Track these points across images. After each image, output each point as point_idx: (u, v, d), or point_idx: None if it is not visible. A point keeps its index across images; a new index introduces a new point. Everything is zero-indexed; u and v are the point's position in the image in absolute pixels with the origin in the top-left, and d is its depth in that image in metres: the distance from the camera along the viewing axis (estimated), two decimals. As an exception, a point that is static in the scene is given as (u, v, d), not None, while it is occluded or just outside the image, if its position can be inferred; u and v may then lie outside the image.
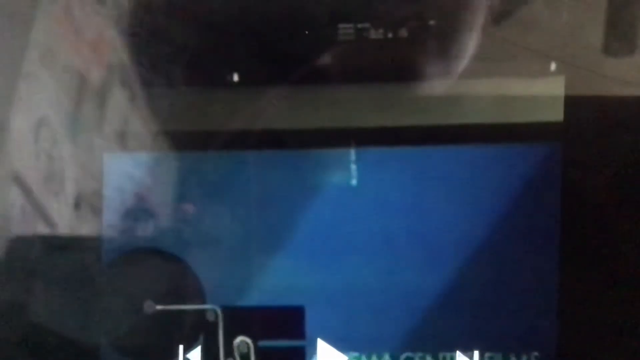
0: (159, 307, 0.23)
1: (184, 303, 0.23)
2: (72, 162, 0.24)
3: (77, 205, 0.24)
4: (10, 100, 0.24)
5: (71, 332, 0.24)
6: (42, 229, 0.24)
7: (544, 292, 0.23)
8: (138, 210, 0.23)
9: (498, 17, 0.22)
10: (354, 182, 0.23)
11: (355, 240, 0.23)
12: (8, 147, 0.24)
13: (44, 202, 0.24)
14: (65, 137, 0.24)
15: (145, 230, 0.23)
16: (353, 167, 0.23)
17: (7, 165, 0.24)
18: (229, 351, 0.23)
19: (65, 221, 0.24)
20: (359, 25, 0.22)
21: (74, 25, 0.24)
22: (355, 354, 0.23)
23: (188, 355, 0.23)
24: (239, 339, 0.23)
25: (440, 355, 0.23)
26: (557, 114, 0.22)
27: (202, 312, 0.23)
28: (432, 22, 0.22)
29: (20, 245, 0.24)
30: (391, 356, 0.23)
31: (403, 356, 0.23)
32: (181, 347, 0.23)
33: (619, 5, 0.22)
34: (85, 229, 0.24)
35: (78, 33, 0.24)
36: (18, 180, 0.24)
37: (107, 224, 0.23)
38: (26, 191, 0.24)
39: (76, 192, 0.24)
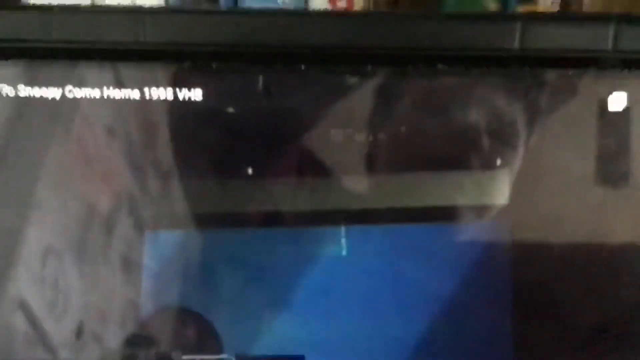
0: (185, 357, 0.24)
1: (206, 353, 0.24)
2: (77, 289, 0.23)
3: (79, 333, 0.23)
4: (20, 227, 0.23)
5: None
6: (43, 356, 0.23)
7: (501, 343, 0.24)
8: (171, 279, 0.24)
9: (454, 124, 0.24)
10: (344, 253, 0.24)
11: (346, 300, 0.24)
12: (15, 274, 0.23)
13: (47, 328, 0.23)
14: (71, 265, 0.23)
15: (176, 294, 0.24)
16: (343, 241, 0.24)
17: (13, 290, 0.23)
18: (241, 394, 0.24)
19: (66, 348, 0.23)
20: (346, 130, 0.24)
21: (86, 156, 0.23)
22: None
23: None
24: (250, 383, 0.24)
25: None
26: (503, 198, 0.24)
27: None
28: (403, 128, 0.24)
29: None
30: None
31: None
32: (202, 390, 0.23)
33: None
34: (85, 356, 0.23)
35: (89, 163, 0.23)
36: (23, 306, 0.23)
37: (144, 289, 0.24)
38: (30, 317, 0.23)
39: (79, 319, 0.23)
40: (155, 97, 0.23)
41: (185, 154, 0.24)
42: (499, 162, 0.24)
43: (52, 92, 0.23)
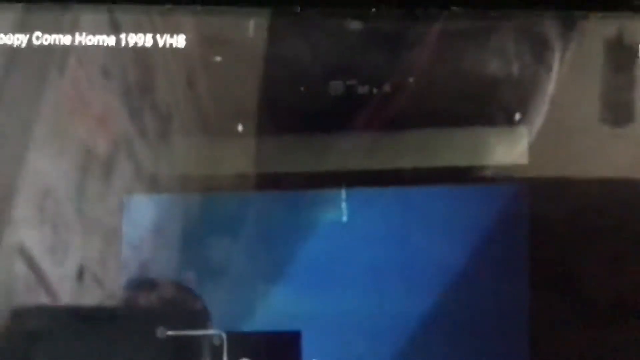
0: (170, 332, 0.23)
1: (193, 329, 0.23)
2: (76, 233, 0.23)
3: (80, 276, 0.23)
4: (17, 171, 0.23)
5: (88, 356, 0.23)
6: (44, 300, 0.23)
7: (516, 316, 0.23)
8: (153, 248, 0.23)
9: (468, 75, 0.23)
10: (344, 218, 0.24)
11: (347, 271, 0.24)
12: (13, 217, 0.23)
13: (47, 272, 0.23)
14: (70, 208, 0.23)
15: (160, 264, 0.23)
16: (344, 205, 0.24)
17: (12, 235, 0.23)
18: (232, 372, 0.23)
19: (67, 292, 0.23)
20: (348, 82, 0.23)
21: (81, 100, 0.23)
22: (346, 375, 0.24)
23: (196, 377, 0.23)
24: (241, 361, 0.23)
25: (425, 375, 0.23)
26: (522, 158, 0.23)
27: (209, 337, 0.23)
28: (411, 80, 0.23)
29: (22, 315, 0.23)
30: (379, 377, 0.24)
31: (390, 377, 0.24)
32: (189, 369, 0.23)
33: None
34: (88, 299, 0.23)
35: (85, 107, 0.23)
36: (22, 250, 0.23)
37: (124, 260, 0.23)
38: (30, 261, 0.23)
39: (80, 263, 0.23)
40: (132, 44, 0.23)
41: (166, 108, 0.23)
42: (517, 117, 0.23)
43: (46, 38, 0.23)
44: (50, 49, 0.23)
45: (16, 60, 0.23)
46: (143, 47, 0.23)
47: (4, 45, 0.23)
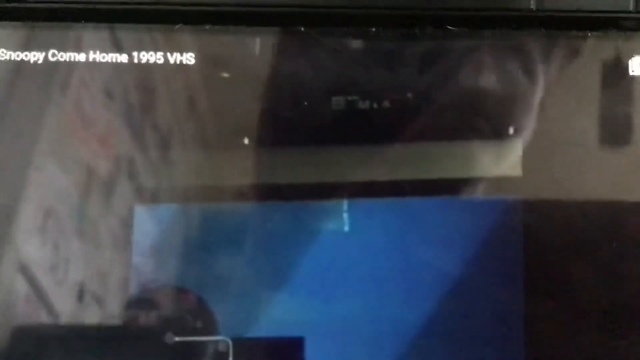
0: (177, 338, 0.23)
1: (200, 335, 0.23)
2: (78, 252, 0.23)
3: (80, 296, 0.23)
4: (20, 190, 0.23)
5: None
6: (45, 319, 0.23)
7: (512, 323, 0.23)
8: (162, 256, 0.23)
9: (464, 91, 0.23)
10: (346, 228, 0.24)
11: (348, 279, 0.24)
12: (16, 237, 0.23)
13: (49, 292, 0.23)
14: (71, 227, 0.23)
15: (168, 272, 0.23)
16: (345, 215, 0.24)
17: (13, 254, 0.23)
18: (238, 378, 0.23)
19: (68, 311, 0.23)
20: (349, 98, 0.23)
21: (84, 119, 0.23)
22: (348, 380, 0.23)
23: (202, 382, 0.23)
24: (246, 367, 0.23)
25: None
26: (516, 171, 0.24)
27: (215, 343, 0.23)
28: (409, 95, 0.23)
29: (23, 334, 0.23)
30: (380, 382, 0.23)
31: (391, 381, 0.23)
32: (196, 374, 0.23)
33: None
34: (88, 318, 0.23)
35: (87, 126, 0.23)
36: (24, 270, 0.23)
37: (134, 267, 0.23)
38: (31, 281, 0.23)
39: (80, 283, 0.23)
40: (144, 61, 0.23)
41: (176, 122, 0.24)
42: (511, 130, 0.23)
43: (49, 56, 0.23)
44: (54, 66, 0.23)
45: (19, 77, 0.23)
46: (155, 64, 0.23)
47: (7, 61, 0.23)
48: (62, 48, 0.23)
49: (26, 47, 0.23)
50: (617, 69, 0.23)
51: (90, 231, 0.23)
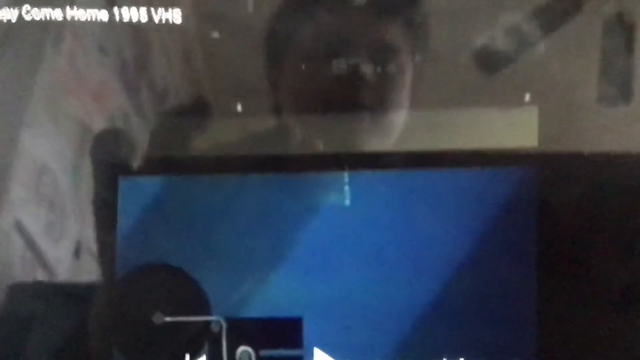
0: (167, 318, 0.23)
1: (191, 315, 0.23)
2: (73, 209, 0.23)
3: (77, 252, 0.23)
4: (13, 148, 0.23)
5: (83, 342, 0.23)
6: (41, 276, 0.23)
7: (524, 303, 0.23)
8: (150, 232, 0.23)
9: (476, 55, 0.23)
10: (347, 202, 0.23)
11: (349, 255, 0.23)
12: (10, 195, 0.23)
13: (44, 249, 0.23)
14: (66, 185, 0.23)
15: (157, 248, 0.23)
16: (346, 188, 0.23)
17: (9, 212, 0.23)
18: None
19: (64, 269, 0.23)
20: (351, 61, 0.23)
21: (77, 75, 0.23)
22: (349, 362, 0.23)
23: (194, 364, 0.23)
24: (241, 349, 0.23)
25: (429, 363, 0.23)
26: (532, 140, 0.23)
27: (207, 323, 0.23)
28: (416, 59, 0.23)
29: (20, 291, 0.23)
30: (382, 363, 0.23)
31: (394, 363, 0.23)
32: (187, 356, 0.23)
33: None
34: (85, 276, 0.23)
35: (80, 82, 0.23)
36: (19, 227, 0.23)
37: (120, 243, 0.23)
38: (27, 238, 0.23)
39: (76, 240, 0.23)
40: (126, 18, 0.22)
41: (163, 87, 0.23)
42: (527, 97, 0.23)
43: (41, 13, 0.23)
44: (43, 24, 0.23)
45: (8, 35, 0.23)
46: (138, 22, 0.22)
47: None
48: (51, 4, 0.23)
49: (17, 3, 0.23)
50: (627, 29, 0.22)
51: (85, 189, 0.23)
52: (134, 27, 0.23)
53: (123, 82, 0.23)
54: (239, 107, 0.23)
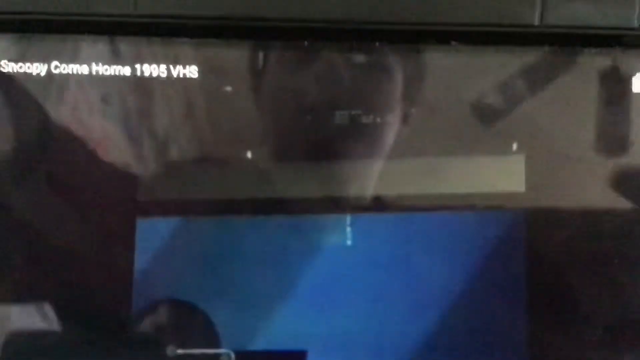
0: (179, 350, 0.23)
1: (202, 347, 0.23)
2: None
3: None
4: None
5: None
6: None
7: (514, 337, 0.24)
8: (165, 271, 0.24)
9: (468, 106, 0.23)
10: (349, 242, 0.24)
11: (351, 293, 0.24)
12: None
13: None
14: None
15: (170, 286, 0.24)
16: (348, 229, 0.24)
17: None
18: (240, 390, 0.23)
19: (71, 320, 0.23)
20: (353, 112, 0.23)
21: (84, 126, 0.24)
22: (350, 393, 0.23)
23: (205, 394, 0.23)
24: (249, 379, 0.23)
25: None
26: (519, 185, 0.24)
27: (217, 356, 0.23)
28: (413, 110, 0.23)
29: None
30: (382, 394, 0.23)
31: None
32: (198, 386, 0.23)
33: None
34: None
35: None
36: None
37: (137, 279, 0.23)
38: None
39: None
40: (147, 74, 0.23)
41: (180, 135, 0.23)
42: (515, 146, 0.24)
43: (52, 68, 0.23)
44: (54, 78, 0.23)
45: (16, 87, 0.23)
46: (158, 78, 0.23)
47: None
48: (62, 60, 0.23)
49: (19, 58, 0.23)
50: (619, 85, 0.23)
51: (92, 250, 0.23)
52: (135, 84, 0.23)
53: (131, 138, 0.23)
54: (249, 154, 0.23)
